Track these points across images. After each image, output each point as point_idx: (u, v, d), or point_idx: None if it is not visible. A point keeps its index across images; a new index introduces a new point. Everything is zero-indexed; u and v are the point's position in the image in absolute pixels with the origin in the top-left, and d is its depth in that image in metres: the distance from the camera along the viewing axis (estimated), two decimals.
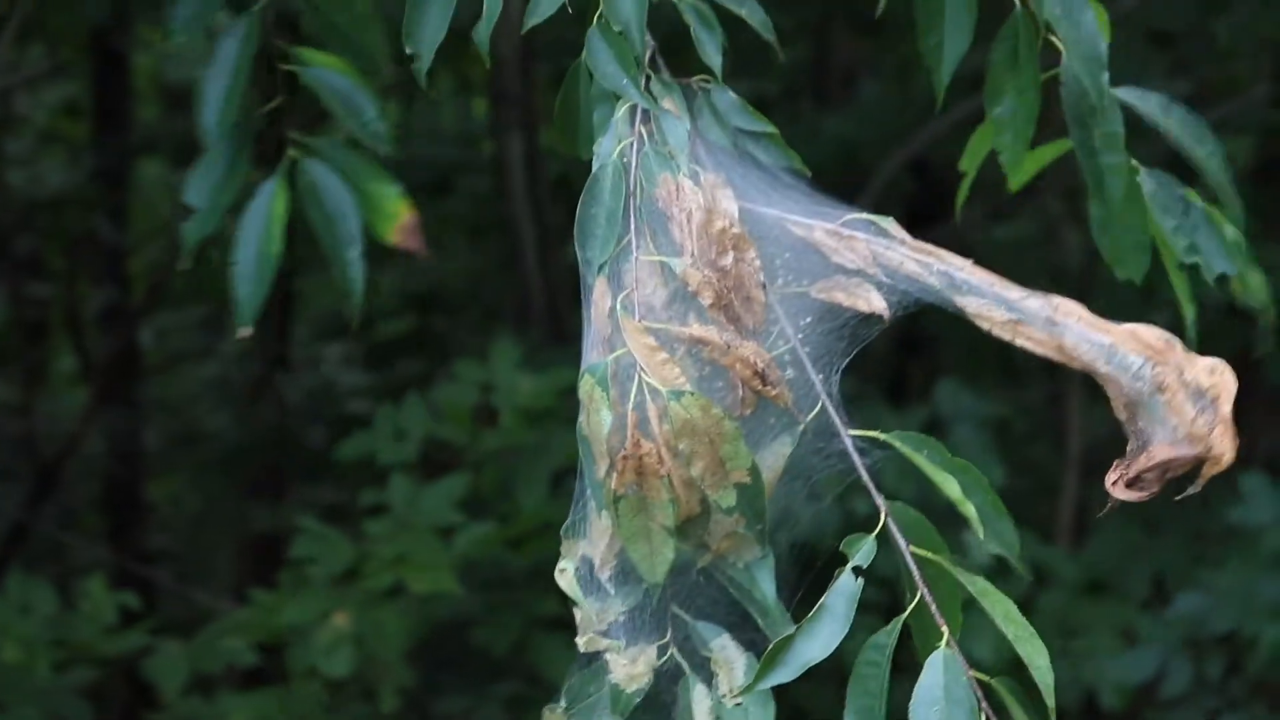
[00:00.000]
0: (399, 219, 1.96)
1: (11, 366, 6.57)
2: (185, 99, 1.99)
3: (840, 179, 6.35)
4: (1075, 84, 1.88)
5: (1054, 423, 5.91)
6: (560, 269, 6.37)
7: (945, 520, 1.56)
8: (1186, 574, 5.09)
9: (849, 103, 6.36)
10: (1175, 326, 1.65)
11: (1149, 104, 1.99)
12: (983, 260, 1.58)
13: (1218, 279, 2.02)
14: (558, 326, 6.25)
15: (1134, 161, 1.94)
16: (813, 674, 1.51)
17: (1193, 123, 2.01)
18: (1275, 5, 6.39)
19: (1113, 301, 3.80)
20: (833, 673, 1.55)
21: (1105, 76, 1.85)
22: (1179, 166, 2.05)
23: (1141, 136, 2.00)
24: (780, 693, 1.54)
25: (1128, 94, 1.95)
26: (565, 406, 4.84)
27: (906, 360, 6.30)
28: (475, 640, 4.70)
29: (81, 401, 6.23)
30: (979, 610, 1.50)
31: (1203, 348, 1.53)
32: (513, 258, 6.33)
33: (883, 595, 2.29)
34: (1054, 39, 1.88)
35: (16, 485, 6.00)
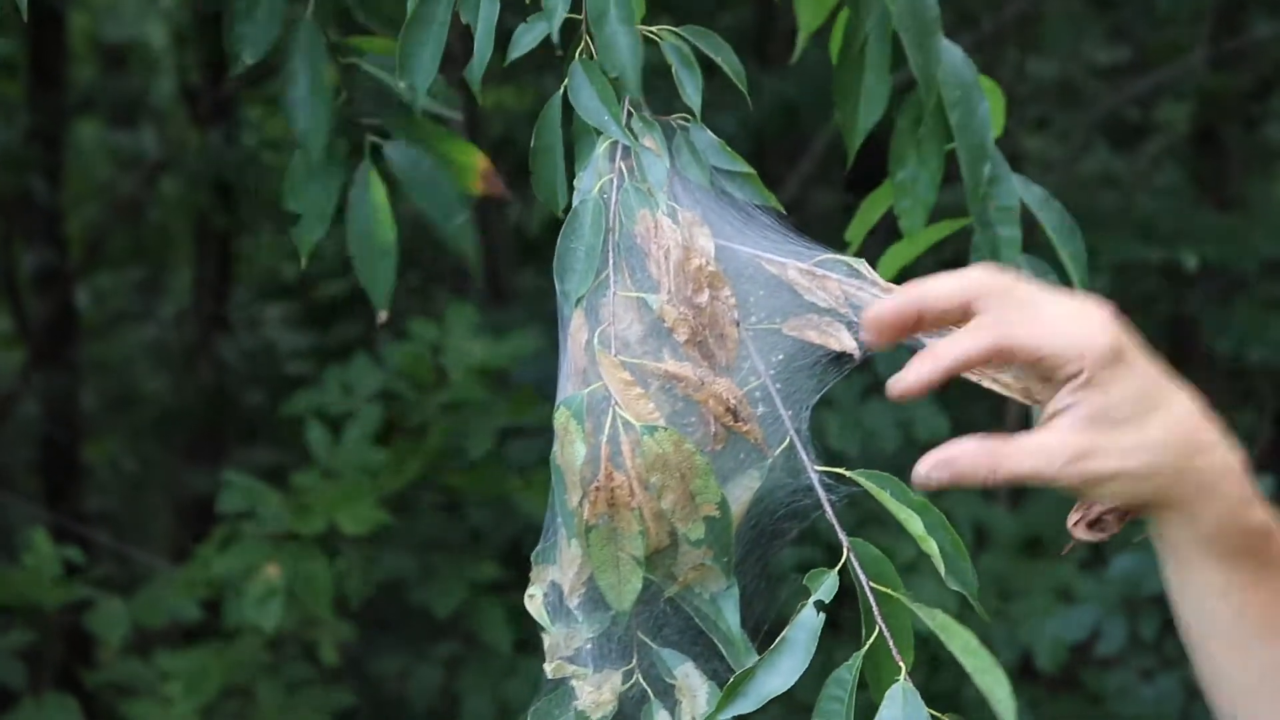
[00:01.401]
0: (477, 169, 1.99)
1: None
2: (122, 59, 1.98)
3: (781, 140, 6.34)
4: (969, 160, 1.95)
5: None
6: (500, 232, 6.34)
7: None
8: (1124, 534, 5.15)
9: (792, 64, 6.34)
10: None
11: (1031, 194, 2.04)
12: None
13: None
14: (496, 289, 6.24)
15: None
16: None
17: (1067, 221, 2.06)
18: None
19: None
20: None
21: (988, 167, 1.91)
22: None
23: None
24: None
25: (1015, 181, 2.02)
26: (514, 369, 4.85)
27: None
28: (414, 600, 4.71)
29: (17, 363, 6.18)
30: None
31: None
32: None
33: None
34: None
35: None
